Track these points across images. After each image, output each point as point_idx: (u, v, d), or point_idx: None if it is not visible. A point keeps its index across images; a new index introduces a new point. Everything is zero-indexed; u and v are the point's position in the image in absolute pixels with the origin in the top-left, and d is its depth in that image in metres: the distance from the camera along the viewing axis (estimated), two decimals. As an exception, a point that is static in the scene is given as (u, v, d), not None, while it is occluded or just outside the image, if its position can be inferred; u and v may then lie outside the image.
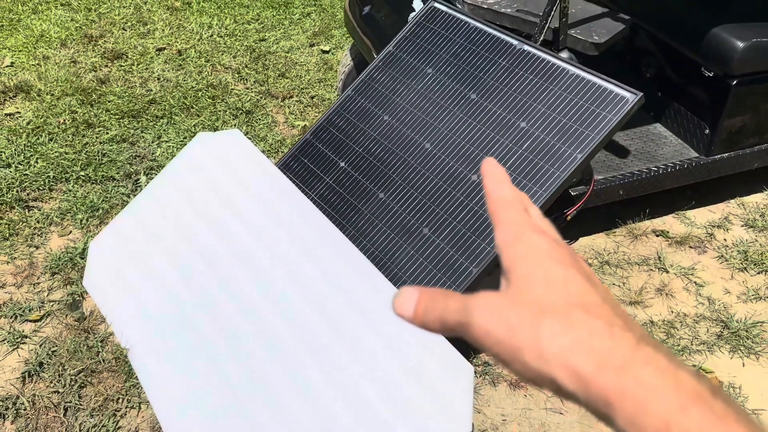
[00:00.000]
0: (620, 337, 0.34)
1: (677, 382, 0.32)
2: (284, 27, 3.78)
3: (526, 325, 0.35)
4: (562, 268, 0.37)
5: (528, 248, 0.38)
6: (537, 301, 0.36)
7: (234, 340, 1.92)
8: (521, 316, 0.35)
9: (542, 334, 0.34)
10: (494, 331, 0.36)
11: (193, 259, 2.10)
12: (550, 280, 0.37)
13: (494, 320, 0.36)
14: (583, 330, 0.34)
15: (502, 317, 0.36)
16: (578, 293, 0.36)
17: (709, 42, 2.44)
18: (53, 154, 2.75)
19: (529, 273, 0.37)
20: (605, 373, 0.32)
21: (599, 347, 0.33)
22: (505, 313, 0.36)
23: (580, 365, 0.33)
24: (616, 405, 0.32)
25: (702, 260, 2.56)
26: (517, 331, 0.35)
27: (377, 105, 2.19)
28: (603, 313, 0.35)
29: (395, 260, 1.92)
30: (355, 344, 1.79)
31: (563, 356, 0.33)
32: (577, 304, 0.35)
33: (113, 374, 2.07)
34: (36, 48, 3.36)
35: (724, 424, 0.30)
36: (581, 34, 2.11)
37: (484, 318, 0.36)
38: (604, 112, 1.84)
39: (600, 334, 0.34)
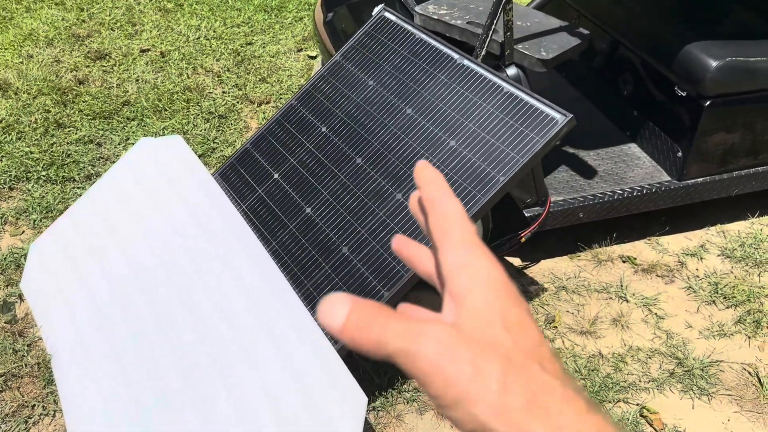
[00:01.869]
0: (574, 400, 0.31)
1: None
2: (274, 31, 3.75)
3: (483, 372, 0.31)
4: (517, 309, 0.34)
5: (482, 277, 0.35)
6: (494, 345, 0.32)
7: (148, 353, 1.88)
8: (477, 358, 0.32)
9: (500, 387, 0.31)
10: (445, 369, 0.31)
11: (122, 268, 2.07)
12: (507, 323, 0.33)
13: (446, 357, 0.32)
14: (539, 389, 0.31)
15: (455, 355, 0.32)
16: (533, 343, 0.33)
17: (682, 60, 2.30)
18: (18, 153, 2.77)
19: (484, 308, 0.34)
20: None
21: (554, 411, 0.31)
22: (459, 351, 0.32)
23: (533, 430, 0.30)
24: None
25: (668, 290, 2.41)
26: (473, 377, 0.31)
27: (317, 116, 2.13)
28: (556, 369, 0.33)
29: (312, 279, 1.85)
30: (259, 363, 1.73)
31: (519, 417, 0.30)
32: (533, 356, 0.33)
33: (34, 380, 2.05)
34: (22, 46, 3.40)
35: None
36: (528, 50, 2.01)
37: (435, 352, 0.32)
38: (532, 133, 1.74)
39: (555, 397, 0.31)
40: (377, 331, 0.32)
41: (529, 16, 2.19)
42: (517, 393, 0.31)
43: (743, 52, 2.29)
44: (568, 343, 2.18)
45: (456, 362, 0.31)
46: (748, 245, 2.59)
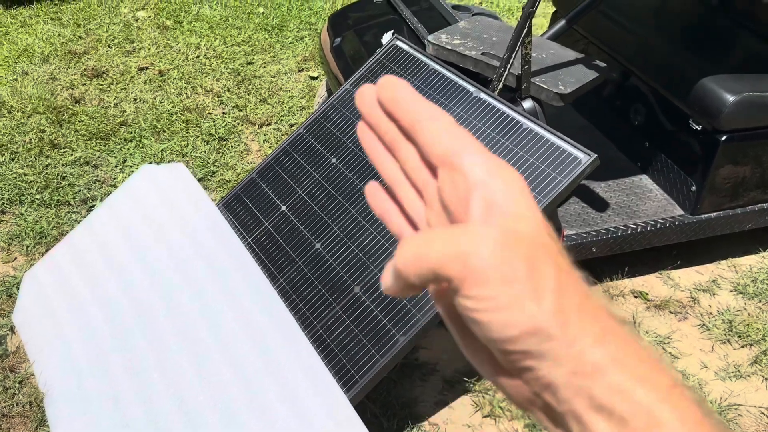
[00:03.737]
0: (609, 309, 0.33)
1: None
2: (275, 50, 3.68)
3: (539, 271, 0.31)
4: (548, 221, 0.35)
5: (519, 185, 0.34)
6: (545, 247, 0.33)
7: (146, 394, 1.80)
8: (532, 258, 0.31)
9: (556, 286, 0.31)
10: (503, 267, 0.31)
11: (120, 301, 1.99)
12: (549, 230, 0.34)
13: (503, 255, 0.31)
14: (585, 295, 0.32)
15: (511, 253, 0.31)
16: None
17: (697, 93, 2.25)
18: (11, 175, 2.68)
19: (528, 213, 0.33)
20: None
21: (600, 316, 0.32)
22: (514, 249, 0.31)
23: (587, 330, 0.31)
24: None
25: (681, 328, 2.35)
26: (530, 275, 0.31)
27: (326, 146, 2.06)
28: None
29: (322, 320, 1.78)
30: (265, 409, 1.65)
31: (573, 317, 0.31)
32: (571, 265, 0.34)
33: (25, 420, 1.95)
34: (17, 62, 3.31)
35: None
36: (546, 83, 1.95)
37: (491, 250, 0.31)
38: (554, 172, 1.67)
39: (598, 304, 0.33)
40: (420, 252, 0.31)
41: (544, 48, 2.13)
42: (570, 295, 0.31)
43: (760, 86, 2.25)
44: (581, 383, 2.11)
45: (512, 262, 0.31)
46: (761, 281, 2.54)
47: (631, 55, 2.57)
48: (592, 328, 0.31)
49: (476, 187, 0.33)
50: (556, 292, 0.31)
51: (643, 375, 0.31)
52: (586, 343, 0.31)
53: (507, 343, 0.31)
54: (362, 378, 1.66)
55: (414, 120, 0.35)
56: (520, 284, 0.30)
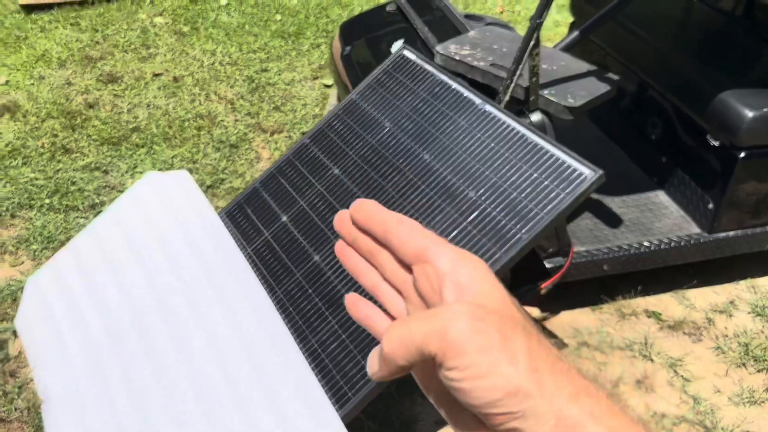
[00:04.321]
0: (575, 369, 0.36)
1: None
2: (290, 58, 3.67)
3: (510, 339, 0.35)
4: (511, 297, 0.40)
5: (483, 268, 0.39)
6: (512, 317, 0.37)
7: (141, 403, 1.78)
8: (503, 328, 0.35)
9: (527, 351, 0.35)
10: (477, 338, 0.34)
11: (119, 309, 1.97)
12: (513, 302, 0.39)
13: (477, 327, 0.35)
14: (555, 356, 0.36)
15: (484, 325, 0.35)
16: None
17: (715, 108, 2.18)
18: (23, 180, 2.69)
19: (493, 290, 0.38)
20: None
21: (572, 374, 0.36)
22: (486, 321, 0.35)
23: (563, 387, 0.34)
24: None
25: (695, 350, 2.27)
26: (503, 343, 0.35)
27: (329, 156, 2.03)
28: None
29: (317, 334, 1.74)
30: (256, 422, 1.62)
31: (547, 377, 0.34)
32: (537, 331, 0.38)
33: (23, 425, 1.95)
34: (34, 67, 3.34)
35: None
36: (555, 96, 1.90)
37: (466, 323, 0.35)
38: (557, 189, 1.62)
39: (566, 364, 0.36)
40: (404, 334, 0.35)
41: (555, 59, 2.08)
42: (541, 357, 0.34)
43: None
44: (588, 406, 2.05)
45: (486, 332, 0.34)
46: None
47: (649, 67, 2.50)
48: (566, 386, 0.34)
49: (446, 275, 0.38)
50: (528, 354, 0.34)
51: (618, 427, 0.34)
52: (563, 401, 0.34)
53: (491, 407, 0.34)
54: (355, 395, 1.61)
55: (385, 228, 0.40)
56: (495, 351, 0.34)
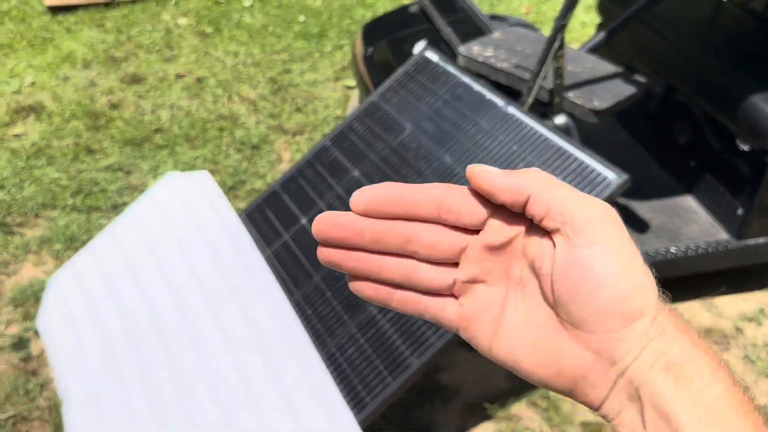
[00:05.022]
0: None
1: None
2: (313, 59, 3.66)
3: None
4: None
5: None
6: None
7: (158, 405, 1.77)
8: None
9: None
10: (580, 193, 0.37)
11: (137, 311, 1.98)
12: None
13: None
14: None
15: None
16: None
17: (745, 111, 2.12)
18: (47, 180, 2.72)
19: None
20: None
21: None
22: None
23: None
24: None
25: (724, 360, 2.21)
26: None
27: (350, 159, 2.01)
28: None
29: (336, 338, 1.72)
30: (273, 426, 1.60)
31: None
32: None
33: (44, 424, 1.96)
34: (60, 68, 3.38)
35: None
36: (580, 98, 1.86)
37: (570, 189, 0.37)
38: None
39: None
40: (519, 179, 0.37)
41: (581, 61, 2.04)
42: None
43: (814, 105, 2.10)
44: (611, 415, 2.00)
45: (627, 238, 0.36)
46: (812, 311, 2.38)
47: (677, 69, 2.45)
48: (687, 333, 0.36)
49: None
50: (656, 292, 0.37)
51: (704, 348, 0.36)
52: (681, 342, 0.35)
53: (616, 303, 0.34)
54: (373, 400, 1.59)
55: (438, 201, 0.39)
56: (634, 255, 0.36)
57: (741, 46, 2.49)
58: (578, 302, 0.35)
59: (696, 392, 0.33)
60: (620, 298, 0.34)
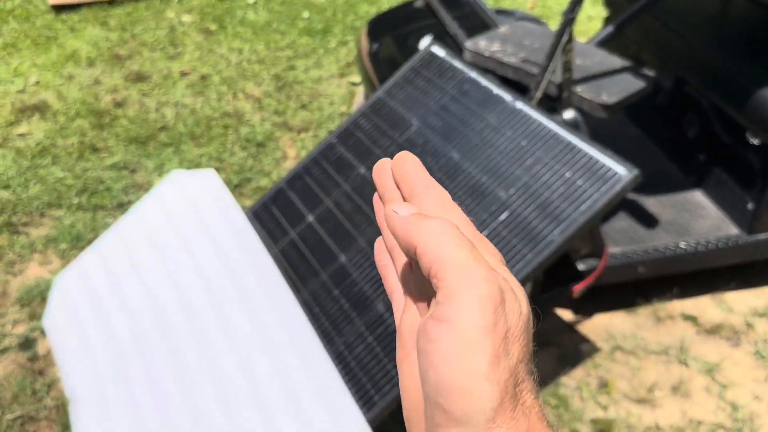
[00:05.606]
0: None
1: None
2: (318, 55, 3.64)
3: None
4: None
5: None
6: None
7: (164, 405, 1.76)
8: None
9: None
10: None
11: (143, 310, 1.97)
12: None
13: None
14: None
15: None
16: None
17: (755, 105, 2.09)
18: (52, 179, 2.71)
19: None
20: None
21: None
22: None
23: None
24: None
25: (733, 355, 2.19)
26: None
27: (356, 155, 1.99)
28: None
29: (343, 336, 1.71)
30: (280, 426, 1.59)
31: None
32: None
33: (51, 424, 1.95)
34: (64, 67, 3.37)
35: None
36: (588, 93, 1.84)
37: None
38: (592, 188, 1.56)
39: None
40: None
41: (589, 55, 2.02)
42: (518, 381, 0.33)
43: (826, 97, 2.07)
44: (622, 412, 1.99)
45: (498, 319, 0.32)
46: (824, 306, 2.35)
47: (686, 62, 2.42)
48: (520, 422, 0.31)
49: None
50: (508, 370, 0.31)
51: None
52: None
53: (439, 395, 0.31)
54: (382, 399, 1.58)
55: (411, 192, 0.39)
56: (479, 332, 0.31)
57: (750, 39, 2.46)
58: (421, 372, 0.33)
59: None
60: (444, 392, 0.31)
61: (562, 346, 2.18)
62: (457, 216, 0.37)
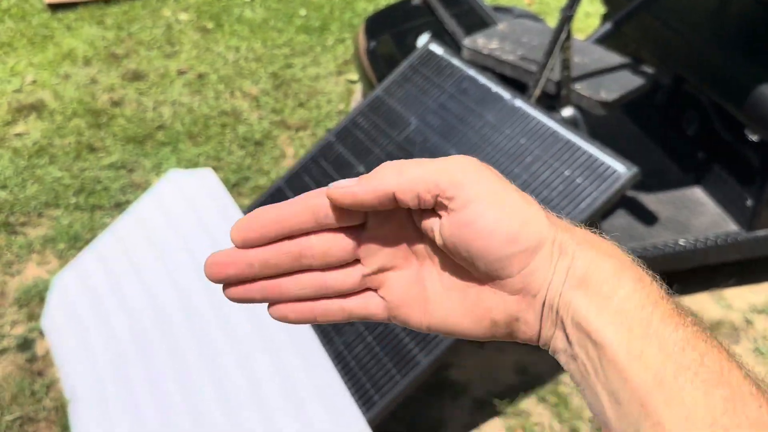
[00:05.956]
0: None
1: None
2: (315, 53, 3.64)
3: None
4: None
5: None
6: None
7: (164, 405, 1.76)
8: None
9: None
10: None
11: (143, 310, 1.96)
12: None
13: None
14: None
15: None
16: None
17: (755, 101, 2.09)
18: (49, 179, 2.70)
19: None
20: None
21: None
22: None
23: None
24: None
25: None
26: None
27: (354, 154, 1.99)
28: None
29: (343, 336, 1.71)
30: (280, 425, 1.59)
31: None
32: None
33: (50, 425, 1.94)
34: (60, 66, 3.36)
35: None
36: (587, 90, 1.83)
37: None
38: (591, 187, 1.56)
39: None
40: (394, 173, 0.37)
41: (587, 52, 2.01)
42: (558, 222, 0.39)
43: (825, 94, 2.07)
44: (621, 410, 1.98)
45: (495, 175, 0.38)
46: (823, 303, 2.35)
47: (685, 59, 2.42)
48: (589, 240, 0.38)
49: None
50: (545, 212, 0.38)
51: (608, 252, 0.37)
52: (583, 251, 0.36)
53: (502, 249, 0.36)
54: (382, 399, 1.58)
55: (314, 212, 0.38)
56: (508, 191, 0.37)
57: (749, 36, 2.46)
58: (479, 257, 0.36)
59: (604, 298, 0.34)
60: (511, 239, 0.35)
61: (561, 343, 2.18)
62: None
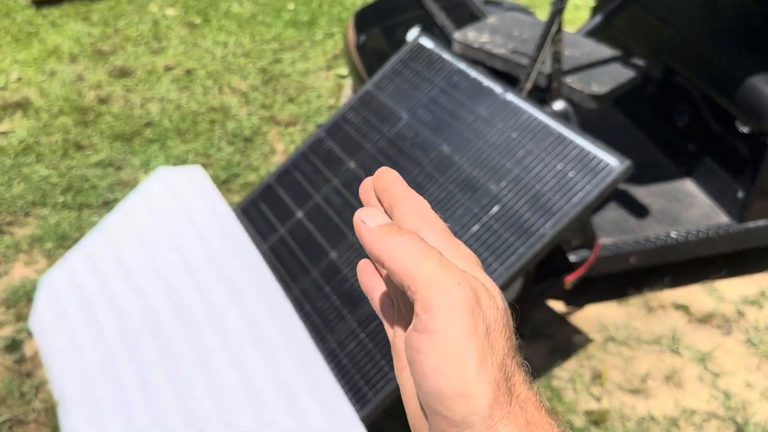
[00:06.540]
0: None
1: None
2: (304, 48, 3.61)
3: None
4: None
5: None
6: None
7: (155, 403, 1.74)
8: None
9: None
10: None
11: (132, 309, 1.94)
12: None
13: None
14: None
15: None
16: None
17: (745, 93, 2.09)
18: (36, 177, 2.67)
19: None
20: None
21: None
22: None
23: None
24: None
25: (725, 344, 2.19)
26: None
27: (345, 150, 1.97)
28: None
29: (335, 333, 1.69)
30: (273, 427, 1.57)
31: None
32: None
33: (40, 426, 1.92)
34: (46, 63, 3.31)
35: None
36: (578, 83, 1.82)
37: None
38: (583, 180, 1.55)
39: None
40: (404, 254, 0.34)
41: (578, 45, 2.00)
42: (510, 375, 0.33)
43: (815, 85, 2.07)
44: (616, 402, 1.99)
45: (477, 318, 0.33)
46: (814, 293, 2.36)
47: (676, 52, 2.41)
48: (518, 415, 0.32)
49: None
50: (500, 368, 0.32)
51: None
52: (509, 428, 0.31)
53: (438, 401, 0.32)
54: (375, 396, 1.57)
55: (390, 203, 0.39)
56: (474, 340, 0.32)
57: (740, 28, 2.46)
58: (416, 384, 0.33)
59: None
60: (439, 399, 0.32)
61: (554, 338, 2.18)
62: (435, 223, 0.38)
